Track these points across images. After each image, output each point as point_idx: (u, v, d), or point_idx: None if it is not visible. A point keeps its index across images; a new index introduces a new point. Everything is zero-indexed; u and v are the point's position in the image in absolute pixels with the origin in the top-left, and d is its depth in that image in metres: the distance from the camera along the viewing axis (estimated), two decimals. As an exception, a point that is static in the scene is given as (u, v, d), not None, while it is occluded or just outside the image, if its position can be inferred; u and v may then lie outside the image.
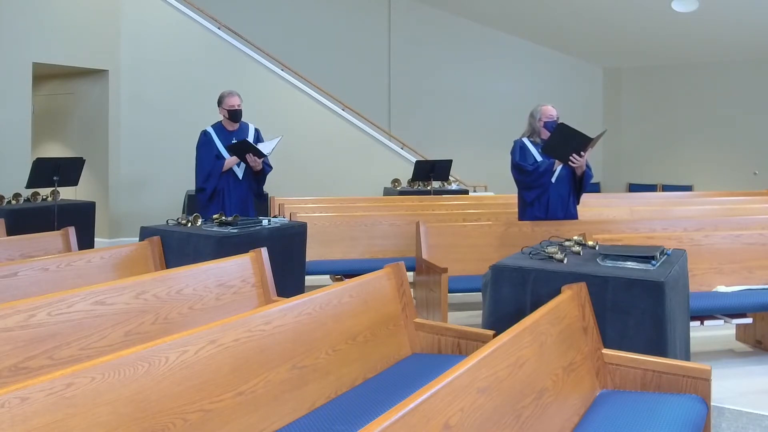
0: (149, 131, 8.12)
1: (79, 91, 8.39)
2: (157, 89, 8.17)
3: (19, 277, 2.94)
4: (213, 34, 8.47)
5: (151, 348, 1.86)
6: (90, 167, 6.83)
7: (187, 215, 3.98)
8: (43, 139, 8.48)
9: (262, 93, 8.27)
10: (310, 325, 2.34)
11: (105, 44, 7.97)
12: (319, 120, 8.66)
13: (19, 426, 1.50)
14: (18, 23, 7.09)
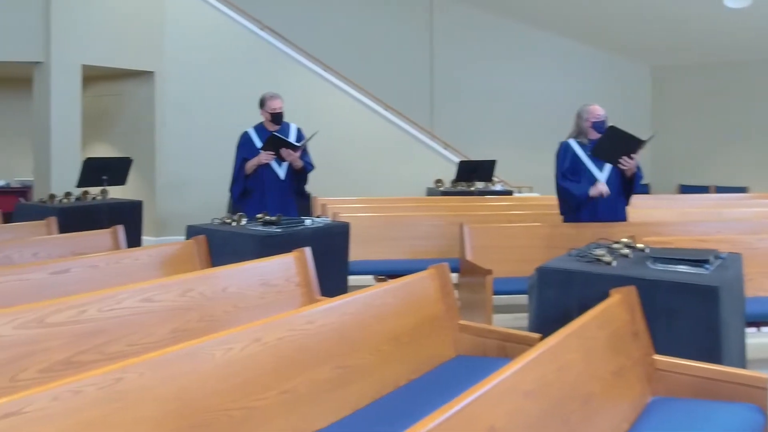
0: (194, 132, 8.29)
1: (126, 92, 8.61)
2: (201, 90, 8.33)
3: (70, 273, 3.03)
4: (255, 35, 8.59)
5: (197, 345, 1.89)
6: (137, 167, 7.00)
7: (231, 214, 4.04)
8: (92, 140, 8.73)
9: (304, 94, 8.35)
10: (353, 325, 2.35)
11: (150, 46, 8.17)
12: (362, 120, 8.69)
13: (72, 418, 1.55)
14: (68, 27, 7.31)
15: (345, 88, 8.77)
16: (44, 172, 7.30)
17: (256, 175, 4.62)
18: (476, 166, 7.78)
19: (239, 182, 4.61)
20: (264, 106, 4.66)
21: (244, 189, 4.59)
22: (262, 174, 4.61)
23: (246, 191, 4.61)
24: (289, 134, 4.70)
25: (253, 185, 4.62)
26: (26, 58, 7.29)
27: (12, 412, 1.45)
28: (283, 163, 4.64)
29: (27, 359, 2.08)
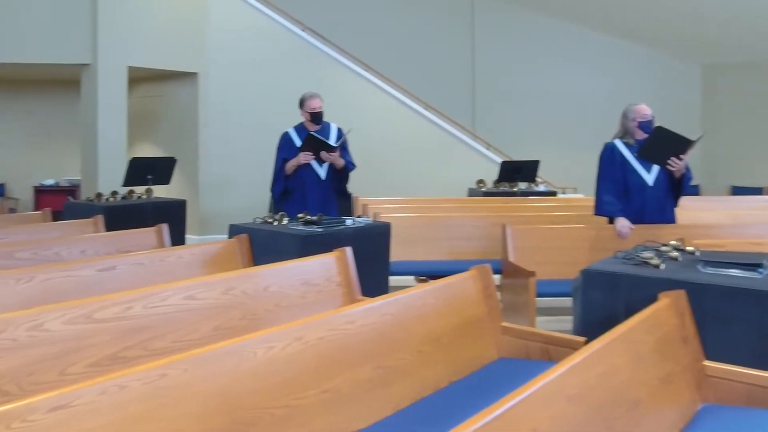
0: (236, 132, 8.42)
1: (170, 93, 8.80)
2: (243, 91, 8.46)
3: (116, 270, 3.11)
4: (297, 36, 8.68)
5: (240, 343, 1.92)
6: (181, 167, 7.15)
7: (273, 214, 4.09)
8: (137, 140, 8.95)
9: (345, 94, 8.39)
10: (393, 325, 2.35)
11: (194, 48, 8.33)
12: (403, 120, 8.69)
13: (118, 412, 1.59)
14: (114, 30, 7.51)
15: (386, 88, 8.79)
16: (92, 172, 7.52)
17: (296, 175, 4.66)
18: (519, 166, 7.70)
19: (280, 182, 4.67)
20: (303, 106, 4.71)
21: (284, 189, 4.64)
22: (302, 174, 4.65)
23: (286, 191, 4.66)
24: (330, 134, 4.73)
25: (293, 185, 4.66)
26: (74, 60, 7.52)
27: (61, 405, 1.50)
28: (323, 163, 4.67)
29: (75, 354, 2.15)
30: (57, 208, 5.81)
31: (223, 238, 3.89)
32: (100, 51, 7.44)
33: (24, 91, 9.77)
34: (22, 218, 5.16)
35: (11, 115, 9.79)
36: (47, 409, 1.48)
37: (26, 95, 9.80)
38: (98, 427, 1.55)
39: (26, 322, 2.09)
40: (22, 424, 1.43)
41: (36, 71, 8.48)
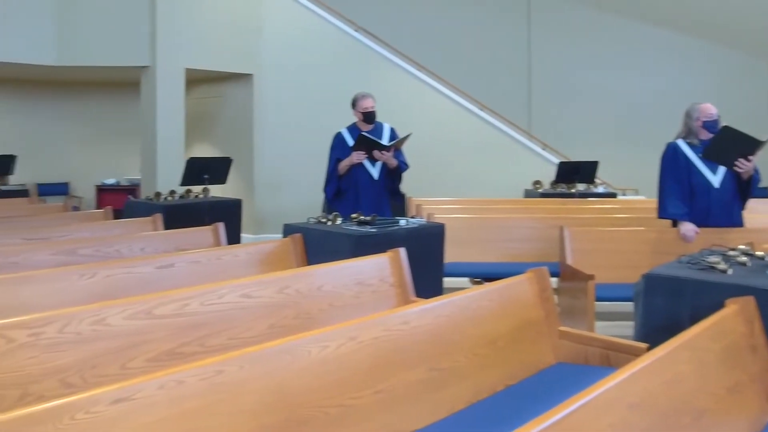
0: (290, 132, 8.54)
1: (226, 94, 9.00)
2: (297, 92, 8.57)
3: (174, 268, 3.20)
4: (350, 36, 8.74)
5: (294, 341, 1.95)
6: (236, 167, 7.29)
7: (326, 214, 4.13)
8: (194, 140, 9.17)
9: (398, 94, 8.40)
10: (448, 327, 2.35)
11: (249, 50, 8.50)
12: (457, 120, 8.65)
13: (176, 407, 1.63)
14: (172, 33, 7.73)
15: (440, 88, 8.76)
16: (151, 171, 7.76)
17: (349, 175, 4.69)
18: (577, 167, 7.55)
19: (333, 182, 4.70)
20: (356, 106, 4.74)
21: (337, 189, 4.68)
22: (356, 174, 4.68)
23: (340, 191, 4.70)
24: (383, 134, 4.74)
25: (347, 185, 4.69)
26: (134, 62, 7.77)
27: (123, 398, 1.55)
28: (377, 163, 4.69)
29: (135, 348, 2.22)
30: (118, 207, 6.00)
31: (278, 237, 3.95)
32: (159, 54, 7.67)
33: (87, 94, 10.16)
34: (85, 216, 5.36)
35: (75, 117, 10.18)
36: (109, 402, 1.53)
37: (89, 97, 10.18)
38: (157, 421, 1.59)
39: (89, 316, 2.17)
40: (86, 416, 1.49)
41: (98, 74, 8.80)
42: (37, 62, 7.58)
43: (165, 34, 7.68)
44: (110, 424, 1.52)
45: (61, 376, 2.02)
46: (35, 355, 2.00)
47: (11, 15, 7.33)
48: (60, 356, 2.05)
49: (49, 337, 2.05)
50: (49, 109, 10.03)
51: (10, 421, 1.38)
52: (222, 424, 1.69)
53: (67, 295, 2.77)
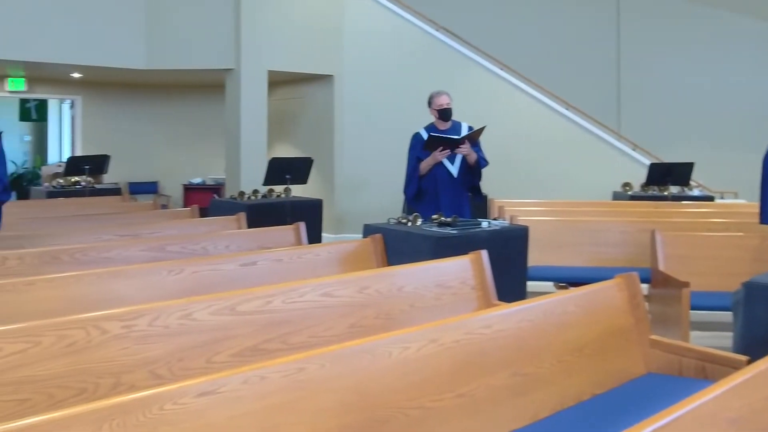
0: (371, 133, 8.62)
1: (308, 95, 9.19)
2: (378, 92, 8.64)
3: (257, 266, 3.29)
4: (431, 36, 8.73)
5: (375, 342, 1.96)
6: (317, 167, 7.43)
7: (406, 214, 4.14)
8: (276, 141, 9.41)
9: (480, 93, 8.33)
10: (532, 332, 2.31)
11: (330, 51, 8.64)
12: (541, 120, 8.49)
13: (259, 402, 1.68)
14: (256, 36, 7.97)
15: (524, 87, 8.62)
16: (235, 171, 8.02)
17: (429, 174, 4.68)
18: (670, 168, 7.25)
19: (413, 183, 4.70)
20: (431, 104, 4.73)
21: (418, 189, 4.68)
22: (435, 172, 4.66)
23: (420, 191, 4.69)
24: (460, 132, 4.70)
25: (426, 185, 4.68)
26: (219, 65, 8.07)
27: (209, 391, 1.61)
28: (456, 160, 4.66)
29: (220, 343, 2.29)
30: (203, 205, 6.24)
31: (358, 237, 3.99)
32: (243, 56, 7.93)
33: (175, 96, 10.62)
34: (172, 214, 5.61)
35: (164, 119, 10.66)
36: (195, 394, 1.59)
37: (177, 100, 10.64)
38: (241, 415, 1.64)
39: (177, 311, 2.27)
40: (174, 407, 1.55)
41: (185, 77, 9.19)
42: (128, 66, 8.01)
43: (249, 37, 7.94)
44: (196, 416, 1.58)
45: (150, 368, 2.12)
46: (127, 346, 2.11)
47: (105, 22, 7.78)
48: (150, 348, 2.14)
49: (140, 329, 2.16)
50: (140, 111, 10.55)
51: (105, 409, 1.46)
52: (303, 421, 1.73)
53: (156, 289, 2.90)
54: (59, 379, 1.96)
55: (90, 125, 10.29)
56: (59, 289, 2.68)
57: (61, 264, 3.30)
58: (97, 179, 8.29)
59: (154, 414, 1.52)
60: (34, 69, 8.95)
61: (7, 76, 9.54)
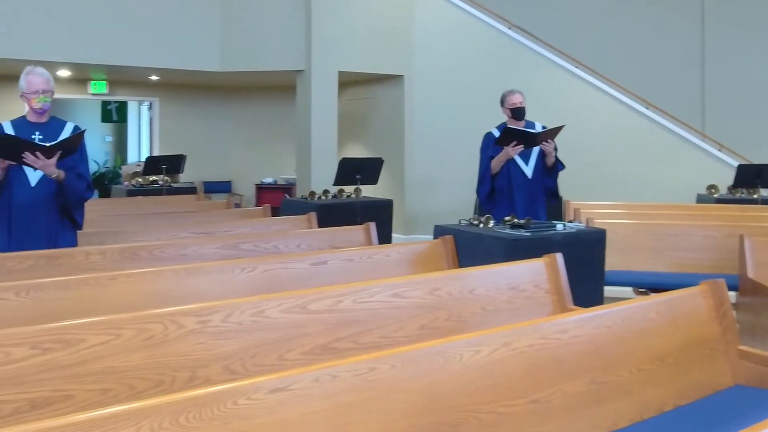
0: (442, 133, 8.60)
1: (378, 95, 9.25)
2: (449, 92, 8.61)
3: (328, 265, 3.33)
4: (503, 34, 8.62)
5: (446, 344, 1.96)
6: (388, 167, 7.46)
7: (478, 216, 4.10)
8: (347, 141, 9.51)
9: (555, 93, 8.18)
10: (609, 338, 2.25)
11: (400, 51, 8.68)
12: (619, 119, 8.25)
13: (329, 400, 1.70)
14: (326, 37, 8.11)
15: (601, 86, 8.40)
16: (305, 171, 8.16)
17: (502, 174, 4.62)
18: (760, 170, 6.91)
19: (486, 182, 4.66)
20: (504, 103, 4.67)
21: (491, 189, 4.63)
22: (509, 173, 4.60)
23: (493, 191, 4.64)
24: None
25: (500, 185, 4.63)
26: (290, 66, 8.24)
27: (280, 387, 1.64)
28: (530, 161, 4.59)
29: (292, 341, 2.34)
30: (275, 204, 6.37)
31: (428, 238, 3.98)
32: (314, 58, 8.07)
33: (248, 97, 10.91)
34: (245, 213, 5.75)
35: (237, 119, 10.96)
36: (268, 390, 1.63)
37: (250, 101, 10.92)
38: (312, 412, 1.67)
39: (250, 308, 2.32)
40: (247, 402, 1.59)
41: (258, 78, 9.42)
42: (203, 68, 8.31)
43: (319, 38, 8.07)
44: (269, 412, 1.61)
45: (225, 363, 2.18)
46: (202, 341, 2.17)
47: (182, 27, 8.11)
48: (224, 344, 2.20)
49: (215, 325, 2.22)
50: (214, 112, 10.89)
51: (182, 401, 1.51)
52: (374, 421, 1.73)
53: (230, 286, 2.98)
54: (138, 371, 2.04)
55: (167, 126, 10.70)
56: (138, 284, 2.79)
57: (140, 260, 3.44)
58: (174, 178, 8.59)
59: (229, 408, 1.56)
60: (115, 72, 9.39)
61: (90, 79, 10.03)
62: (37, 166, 3.38)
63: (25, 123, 3.64)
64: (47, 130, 3.63)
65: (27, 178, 3.57)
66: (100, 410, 1.41)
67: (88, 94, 10.25)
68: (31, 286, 2.57)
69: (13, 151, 3.33)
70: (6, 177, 3.53)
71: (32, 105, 3.56)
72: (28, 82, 3.52)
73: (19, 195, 3.56)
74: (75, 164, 3.64)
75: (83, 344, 1.99)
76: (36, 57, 7.03)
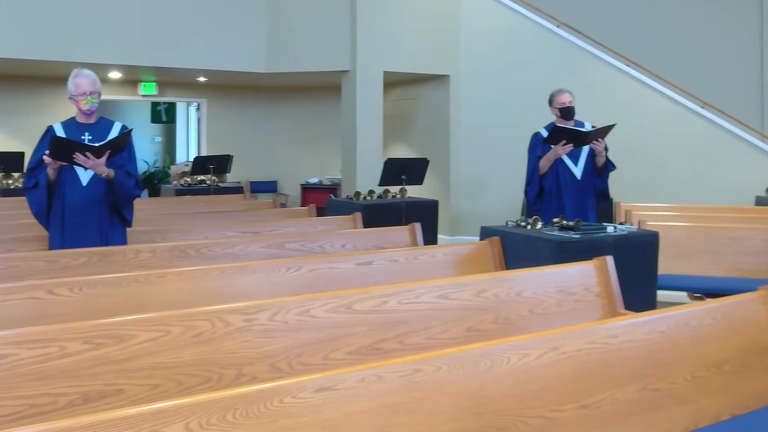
0: (488, 133, 8.53)
1: (423, 95, 9.23)
2: (496, 91, 8.53)
3: (373, 265, 3.34)
4: (551, 32, 8.50)
5: (493, 347, 1.94)
6: (433, 168, 7.44)
7: (526, 217, 4.06)
8: (392, 141, 9.52)
9: (606, 92, 8.03)
10: (663, 344, 2.19)
11: (446, 51, 8.64)
12: (673, 119, 8.05)
13: (375, 401, 1.70)
14: (371, 37, 8.13)
15: (653, 84, 8.21)
16: (351, 171, 8.20)
17: (551, 175, 4.55)
18: (822, 172, 6.67)
19: (534, 183, 4.60)
20: (553, 102, 4.60)
21: (540, 190, 4.58)
22: (557, 173, 4.54)
23: (542, 192, 4.59)
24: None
25: (549, 185, 4.57)
26: (336, 67, 8.29)
27: (326, 387, 1.65)
28: (579, 162, 4.52)
29: (337, 341, 2.35)
30: (320, 204, 6.42)
31: (474, 239, 3.95)
32: (359, 58, 8.10)
33: (293, 98, 11.03)
34: (291, 213, 5.82)
35: (283, 120, 11.10)
36: (314, 389, 1.64)
37: (295, 102, 11.04)
38: (357, 412, 1.67)
39: (295, 307, 2.35)
40: (293, 400, 1.60)
41: (303, 79, 9.52)
42: (249, 70, 8.44)
43: (364, 38, 8.10)
44: (314, 411, 1.62)
45: (271, 361, 2.20)
46: (249, 339, 2.20)
47: (229, 29, 8.25)
48: (270, 342, 2.23)
49: (261, 323, 2.25)
50: (261, 113, 11.04)
51: (229, 398, 1.53)
52: (419, 423, 1.73)
53: (276, 285, 3.02)
54: (187, 367, 2.08)
55: (214, 126, 10.90)
56: (187, 281, 2.85)
57: (188, 258, 3.51)
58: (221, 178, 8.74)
59: (275, 406, 1.58)
60: (164, 74, 9.61)
61: (140, 81, 10.28)
62: (87, 165, 3.48)
63: (74, 124, 3.75)
64: (96, 130, 3.74)
65: (79, 179, 3.68)
66: (150, 405, 1.45)
67: (138, 95, 10.50)
68: (84, 282, 2.65)
69: (65, 153, 3.44)
70: (58, 178, 3.65)
71: (80, 107, 3.66)
72: (76, 84, 3.63)
73: (71, 195, 3.67)
74: (124, 163, 3.74)
75: (134, 340, 2.04)
76: (88, 59, 7.26)
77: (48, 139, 3.59)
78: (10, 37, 7.27)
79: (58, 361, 1.93)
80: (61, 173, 3.65)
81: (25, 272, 3.13)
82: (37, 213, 3.69)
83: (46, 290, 2.57)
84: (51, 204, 3.67)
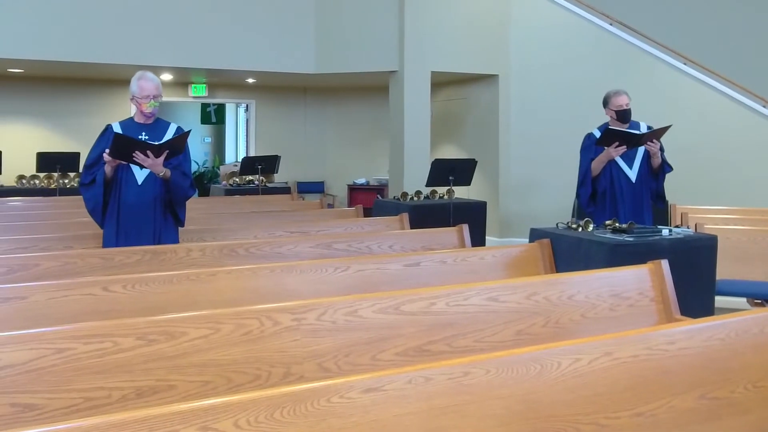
0: (537, 134, 8.43)
1: (471, 96, 9.18)
2: (546, 91, 8.43)
3: (421, 267, 3.34)
4: (604, 31, 8.34)
5: (544, 351, 1.91)
6: (481, 168, 7.39)
7: (577, 219, 4.00)
8: (439, 142, 9.50)
9: (661, 92, 7.85)
10: (722, 352, 2.13)
11: (495, 50, 8.58)
12: (733, 119, 7.81)
13: (424, 402, 1.70)
14: (419, 37, 8.13)
15: (712, 82, 7.98)
16: (398, 172, 8.22)
17: (604, 177, 4.47)
18: None
19: (587, 185, 4.52)
20: (608, 104, 4.49)
21: (592, 192, 4.50)
22: (611, 175, 4.45)
23: (594, 194, 4.51)
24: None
25: (602, 188, 4.48)
26: (383, 67, 8.32)
27: (374, 387, 1.65)
28: (633, 165, 4.43)
29: (385, 341, 2.35)
30: (367, 205, 6.45)
31: (523, 241, 3.91)
32: (406, 58, 8.11)
33: (341, 99, 11.11)
34: (338, 213, 5.85)
35: (331, 121, 11.19)
36: (362, 389, 1.64)
37: (343, 102, 11.12)
38: (405, 414, 1.67)
39: (343, 307, 2.36)
40: (340, 400, 1.61)
41: (351, 80, 9.58)
42: (298, 71, 8.56)
43: (412, 38, 8.11)
44: (362, 411, 1.62)
45: (319, 361, 2.22)
46: (297, 338, 2.23)
47: (277, 31, 8.38)
48: (318, 342, 2.25)
49: (309, 323, 2.27)
50: (309, 114, 11.16)
51: (278, 396, 1.55)
52: (469, 426, 1.72)
53: (323, 285, 3.04)
54: (236, 365, 2.11)
55: (263, 127, 11.06)
56: (237, 280, 2.89)
57: (237, 257, 3.57)
58: (269, 178, 8.86)
59: (323, 405, 1.58)
60: (214, 75, 9.80)
61: (190, 83, 10.50)
62: (146, 164, 3.57)
63: (132, 124, 3.85)
64: (153, 130, 3.83)
65: (134, 178, 3.78)
66: (201, 401, 1.47)
67: (188, 96, 10.73)
68: (137, 279, 2.72)
69: (126, 151, 3.54)
70: (115, 177, 3.75)
71: (143, 108, 3.76)
72: (140, 87, 3.72)
73: (127, 193, 3.77)
74: (180, 163, 3.83)
75: (185, 337, 2.09)
76: (140, 62, 7.47)
77: (106, 137, 3.70)
78: (67, 42, 7.53)
79: (112, 356, 1.99)
80: (118, 172, 3.76)
81: (82, 269, 3.23)
82: (93, 209, 3.80)
83: (101, 287, 2.65)
84: (107, 201, 3.77)
